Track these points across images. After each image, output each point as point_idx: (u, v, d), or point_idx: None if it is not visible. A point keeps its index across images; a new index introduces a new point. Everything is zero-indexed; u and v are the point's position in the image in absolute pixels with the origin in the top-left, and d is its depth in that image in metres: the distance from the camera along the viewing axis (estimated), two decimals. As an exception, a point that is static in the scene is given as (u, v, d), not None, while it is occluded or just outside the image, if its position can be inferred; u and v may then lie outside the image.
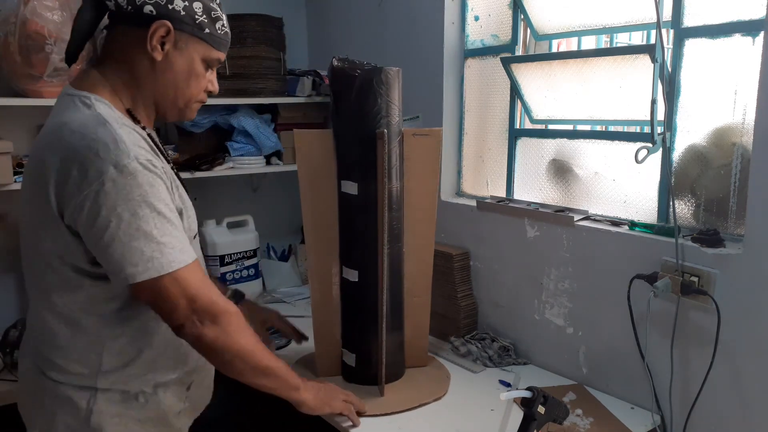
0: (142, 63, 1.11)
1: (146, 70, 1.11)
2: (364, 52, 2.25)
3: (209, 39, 1.14)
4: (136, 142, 1.04)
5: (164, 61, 1.11)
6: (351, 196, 1.55)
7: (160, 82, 1.13)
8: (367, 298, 1.58)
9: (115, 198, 0.98)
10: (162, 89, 1.14)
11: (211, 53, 1.15)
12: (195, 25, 1.11)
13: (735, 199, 1.39)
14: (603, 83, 1.61)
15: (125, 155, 0.99)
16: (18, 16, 1.74)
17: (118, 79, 1.12)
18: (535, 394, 1.20)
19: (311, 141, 1.56)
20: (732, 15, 1.37)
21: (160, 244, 1.02)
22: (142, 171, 1.00)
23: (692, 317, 1.42)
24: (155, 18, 1.07)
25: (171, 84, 1.14)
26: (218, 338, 1.09)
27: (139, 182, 1.00)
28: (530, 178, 1.88)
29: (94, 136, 1.00)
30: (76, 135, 1.01)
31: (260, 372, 1.17)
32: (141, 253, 1.00)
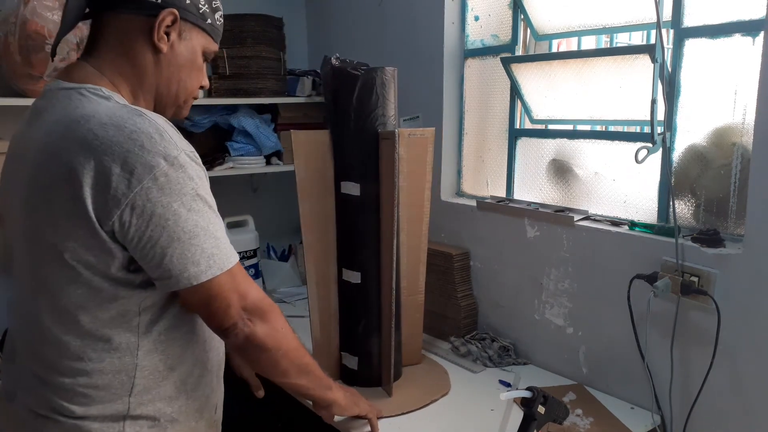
0: (145, 54, 1.01)
1: (149, 61, 1.02)
2: (364, 52, 2.25)
3: (210, 30, 1.07)
4: (177, 132, 0.96)
5: (169, 52, 1.02)
6: (352, 198, 1.55)
7: (164, 75, 1.04)
8: (370, 300, 1.58)
9: (170, 193, 0.89)
10: (165, 83, 1.05)
11: (210, 45, 1.09)
12: (199, 14, 1.04)
13: (735, 199, 1.39)
14: (603, 83, 1.61)
15: (173, 146, 0.91)
16: (18, 16, 1.74)
17: (116, 72, 1.01)
18: (535, 394, 1.20)
19: (309, 141, 1.56)
20: (732, 15, 1.37)
21: (217, 239, 0.96)
22: (191, 163, 0.93)
23: (692, 317, 1.42)
24: (162, 6, 0.99)
25: (174, 77, 1.05)
26: (269, 336, 1.04)
27: (191, 175, 0.92)
28: (530, 178, 1.88)
29: (134, 128, 0.89)
30: (110, 128, 0.89)
31: (303, 370, 1.14)
32: (202, 251, 0.93)
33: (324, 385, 1.23)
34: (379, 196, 1.54)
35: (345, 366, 1.65)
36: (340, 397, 1.26)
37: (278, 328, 1.06)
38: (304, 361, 1.14)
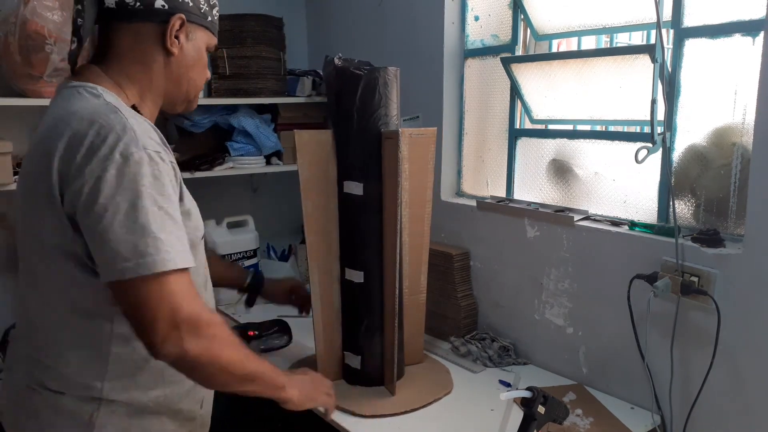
0: (156, 57, 1.09)
1: (159, 64, 1.09)
2: (364, 52, 2.25)
3: (211, 26, 1.15)
4: (147, 132, 0.99)
5: (179, 54, 1.10)
6: (355, 197, 1.55)
7: (175, 75, 1.11)
8: (373, 299, 1.58)
9: (115, 186, 0.92)
10: (175, 82, 1.12)
11: (212, 40, 1.17)
12: (201, 14, 1.12)
13: (735, 199, 1.39)
14: (603, 83, 1.61)
15: (134, 143, 0.94)
16: (18, 16, 1.74)
17: (123, 75, 1.08)
18: (535, 394, 1.20)
19: (312, 141, 1.56)
20: (732, 15, 1.37)
21: (156, 239, 0.93)
22: (149, 162, 0.95)
23: (692, 317, 1.42)
24: (169, 12, 1.06)
25: (184, 76, 1.13)
26: (202, 353, 0.98)
27: (144, 173, 0.94)
28: (530, 178, 1.88)
29: (104, 122, 0.95)
30: (86, 121, 0.96)
31: (247, 379, 1.09)
32: (134, 247, 0.91)
33: (274, 386, 1.17)
34: (382, 196, 1.54)
35: (348, 365, 1.65)
36: (294, 395, 1.20)
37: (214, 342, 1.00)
38: (247, 370, 1.08)
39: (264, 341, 1.89)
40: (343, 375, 1.67)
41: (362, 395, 1.57)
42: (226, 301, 2.29)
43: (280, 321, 2.02)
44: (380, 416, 1.48)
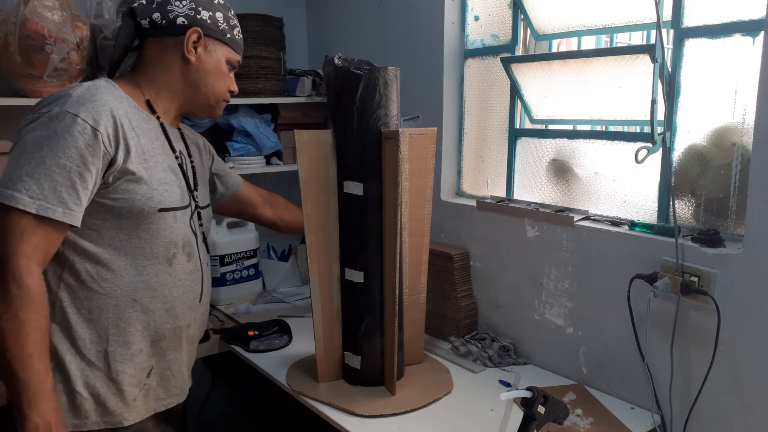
0: (175, 64, 1.33)
1: (178, 70, 1.33)
2: (364, 52, 2.25)
3: (231, 43, 1.38)
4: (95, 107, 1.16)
5: (197, 62, 1.33)
6: (355, 197, 1.55)
7: (193, 81, 1.35)
8: (373, 299, 1.58)
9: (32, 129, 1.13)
10: (194, 87, 1.35)
11: (233, 55, 1.40)
12: (219, 31, 1.35)
13: (735, 199, 1.39)
14: (603, 83, 1.61)
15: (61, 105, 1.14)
16: (18, 16, 1.74)
17: (144, 77, 1.33)
18: (535, 394, 1.20)
19: (312, 141, 1.56)
20: (732, 15, 1.37)
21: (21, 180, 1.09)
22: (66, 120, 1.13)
23: (692, 317, 1.42)
24: (188, 26, 1.30)
25: (203, 82, 1.35)
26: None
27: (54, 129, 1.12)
28: (530, 178, 1.88)
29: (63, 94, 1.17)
30: (56, 92, 1.19)
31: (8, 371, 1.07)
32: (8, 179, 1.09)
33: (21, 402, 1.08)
34: (382, 196, 1.54)
35: (348, 365, 1.65)
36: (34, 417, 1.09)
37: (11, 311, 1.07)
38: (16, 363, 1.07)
39: (264, 341, 1.89)
40: (343, 375, 1.67)
41: (362, 395, 1.57)
42: (226, 301, 2.29)
43: (280, 321, 2.02)
44: (380, 416, 1.48)
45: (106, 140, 1.16)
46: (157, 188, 1.26)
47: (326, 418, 1.49)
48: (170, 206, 1.29)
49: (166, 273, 1.30)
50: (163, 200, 1.27)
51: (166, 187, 1.28)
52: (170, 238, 1.30)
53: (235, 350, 1.89)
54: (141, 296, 1.27)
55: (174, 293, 1.32)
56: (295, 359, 1.78)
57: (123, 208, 1.22)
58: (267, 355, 1.83)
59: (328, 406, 1.53)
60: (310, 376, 1.67)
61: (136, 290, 1.26)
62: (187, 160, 1.43)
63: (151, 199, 1.24)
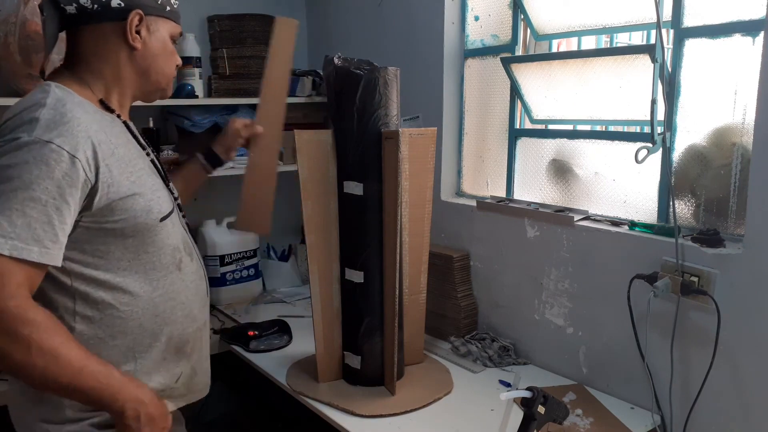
0: (120, 54, 1.16)
1: (126, 59, 1.17)
2: (364, 52, 2.25)
3: (171, 15, 1.22)
4: (61, 124, 1.02)
5: (143, 47, 1.17)
6: (355, 197, 1.55)
7: (142, 68, 1.19)
8: (373, 299, 1.58)
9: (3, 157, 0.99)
10: (144, 74, 1.20)
11: (175, 29, 1.24)
12: (158, 6, 1.18)
13: (735, 199, 1.39)
14: (603, 83, 1.61)
15: (28, 132, 1.00)
16: (18, 16, 1.74)
17: (89, 72, 1.16)
18: (535, 394, 1.20)
19: (312, 141, 1.56)
20: (732, 15, 1.37)
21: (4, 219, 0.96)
22: (39, 149, 0.99)
23: (692, 317, 1.42)
24: (126, 9, 1.13)
25: (152, 67, 1.20)
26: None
27: (25, 159, 0.98)
28: (530, 178, 1.88)
29: (25, 117, 1.02)
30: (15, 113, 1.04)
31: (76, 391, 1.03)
32: None
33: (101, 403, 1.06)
34: (382, 196, 1.54)
35: (348, 365, 1.65)
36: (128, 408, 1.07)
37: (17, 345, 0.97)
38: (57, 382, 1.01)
39: (264, 341, 1.89)
40: (343, 375, 1.67)
41: (362, 395, 1.57)
42: (227, 302, 2.29)
43: (280, 321, 2.02)
44: (380, 416, 1.48)
45: (86, 166, 1.03)
46: (152, 197, 1.17)
47: (326, 418, 1.50)
48: (167, 212, 1.21)
49: (179, 280, 1.24)
50: (160, 208, 1.18)
51: (158, 193, 1.19)
52: (174, 244, 1.23)
53: (235, 350, 1.89)
54: (162, 309, 1.20)
55: (189, 297, 1.27)
56: (295, 359, 1.78)
57: (126, 229, 1.12)
58: (267, 355, 1.83)
59: (328, 406, 1.53)
60: (310, 376, 1.67)
61: (156, 305, 1.19)
62: (153, 155, 1.30)
63: (150, 211, 1.15)
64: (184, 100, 2.19)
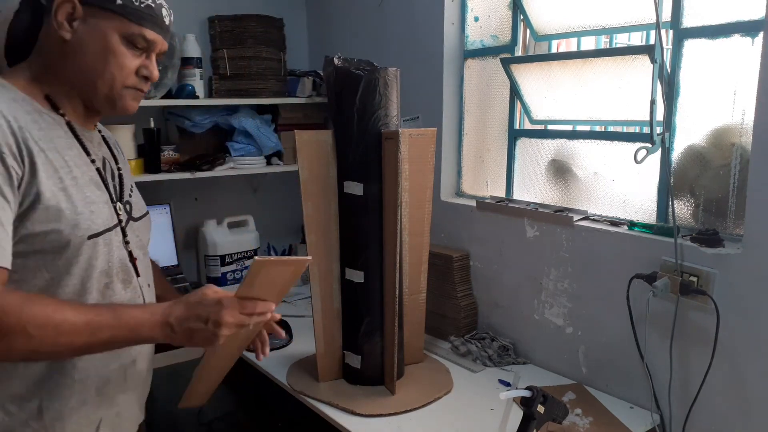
0: (53, 45, 1.02)
1: (58, 52, 1.03)
2: (364, 53, 2.26)
3: (123, 11, 1.02)
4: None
5: (75, 40, 1.01)
6: (355, 197, 1.55)
7: (75, 65, 1.03)
8: (373, 299, 1.59)
9: None
10: (78, 73, 1.04)
11: (130, 28, 1.03)
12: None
13: (734, 199, 1.40)
14: (602, 84, 1.62)
15: None
16: (19, 16, 1.74)
17: (38, 66, 1.05)
18: (535, 393, 1.20)
19: (312, 141, 1.57)
20: (731, 15, 1.37)
21: None
22: None
23: (691, 317, 1.43)
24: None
25: (87, 66, 1.03)
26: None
27: None
28: (530, 178, 1.88)
29: None
30: None
31: (86, 351, 0.97)
32: None
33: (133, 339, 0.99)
34: (382, 196, 1.54)
35: (348, 365, 1.65)
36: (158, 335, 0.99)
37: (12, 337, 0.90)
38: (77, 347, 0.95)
39: (264, 341, 1.89)
40: (343, 374, 1.67)
41: (362, 395, 1.58)
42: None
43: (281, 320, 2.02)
44: (380, 416, 1.48)
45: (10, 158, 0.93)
46: (83, 211, 1.02)
47: (326, 417, 1.50)
48: (101, 229, 1.05)
49: None
50: (91, 224, 1.03)
51: (92, 207, 1.04)
52: (103, 267, 1.06)
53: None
54: None
55: None
56: (295, 359, 1.79)
57: (45, 245, 0.97)
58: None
59: (328, 405, 1.53)
60: (311, 375, 1.67)
61: None
62: (113, 167, 1.16)
63: (77, 226, 1.00)
64: (185, 100, 2.19)
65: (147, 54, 1.08)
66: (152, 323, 0.98)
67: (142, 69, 1.07)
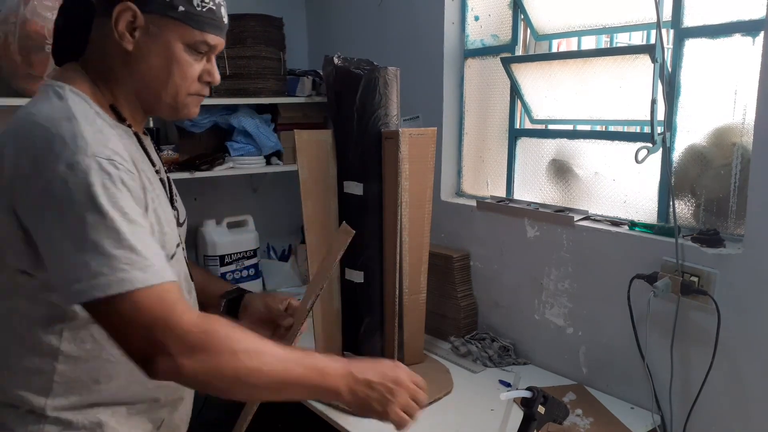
0: (114, 55, 0.98)
1: (120, 62, 0.98)
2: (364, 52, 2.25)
3: (185, 18, 0.97)
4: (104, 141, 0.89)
5: (137, 50, 0.97)
6: (355, 197, 1.55)
7: (138, 75, 0.99)
8: (373, 299, 1.58)
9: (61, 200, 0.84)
10: (142, 83, 1.00)
11: (193, 36, 0.98)
12: (165, 3, 0.95)
13: (735, 199, 1.39)
14: (603, 83, 1.61)
15: (81, 152, 0.85)
16: (18, 16, 1.74)
17: (97, 72, 0.99)
18: (535, 394, 1.20)
19: (312, 141, 1.56)
20: (732, 15, 1.37)
21: (110, 257, 0.83)
22: (98, 170, 0.85)
23: (692, 317, 1.42)
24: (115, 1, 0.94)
25: (150, 76, 0.99)
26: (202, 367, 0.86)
27: (91, 182, 0.84)
28: (530, 178, 1.88)
29: (55, 131, 0.87)
30: (39, 128, 0.88)
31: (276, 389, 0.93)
32: (86, 267, 0.82)
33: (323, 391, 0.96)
34: (382, 196, 1.54)
35: (345, 366, 1.65)
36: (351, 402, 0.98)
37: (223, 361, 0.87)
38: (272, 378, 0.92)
39: (264, 341, 1.89)
40: (343, 375, 1.67)
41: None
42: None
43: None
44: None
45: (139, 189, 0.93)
46: (167, 230, 1.01)
47: (326, 417, 1.49)
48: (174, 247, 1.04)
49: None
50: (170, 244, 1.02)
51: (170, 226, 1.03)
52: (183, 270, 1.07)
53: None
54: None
55: None
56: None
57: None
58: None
59: (328, 405, 1.53)
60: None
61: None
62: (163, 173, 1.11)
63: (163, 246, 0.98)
64: (184, 100, 2.18)
65: (207, 57, 1.04)
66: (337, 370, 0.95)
67: (204, 74, 1.04)
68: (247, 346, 0.90)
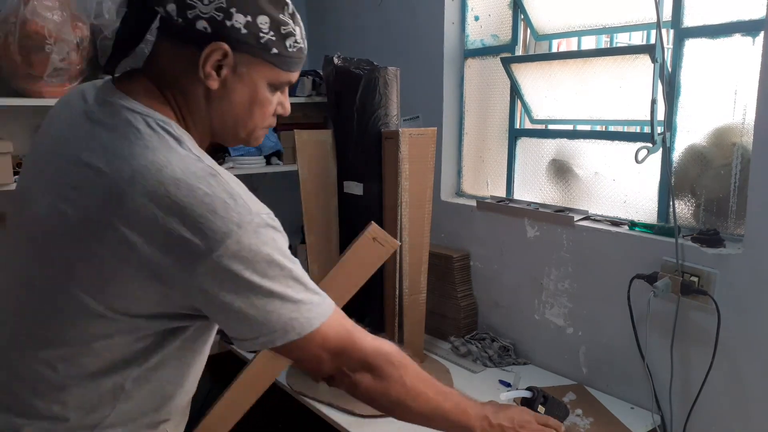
0: (195, 89, 0.92)
1: (199, 97, 0.92)
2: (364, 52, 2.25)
3: (277, 61, 0.93)
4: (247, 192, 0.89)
5: (221, 88, 0.91)
6: (355, 197, 1.55)
7: (217, 112, 0.94)
8: (373, 299, 1.58)
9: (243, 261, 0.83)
10: (219, 120, 0.95)
11: (279, 77, 0.96)
12: (259, 45, 0.90)
13: (735, 199, 1.39)
14: (603, 83, 1.61)
15: (247, 211, 0.84)
16: (18, 16, 1.74)
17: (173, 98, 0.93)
18: (535, 394, 1.20)
19: (312, 141, 1.56)
20: (732, 15, 1.37)
21: (297, 303, 0.89)
22: (266, 227, 0.86)
23: (692, 317, 1.42)
24: (210, 38, 0.87)
25: (230, 114, 0.95)
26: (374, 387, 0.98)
27: (264, 240, 0.85)
28: (530, 178, 1.88)
29: (208, 190, 0.82)
30: (183, 186, 0.82)
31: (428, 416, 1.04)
32: (279, 317, 0.87)
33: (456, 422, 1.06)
34: (382, 196, 1.54)
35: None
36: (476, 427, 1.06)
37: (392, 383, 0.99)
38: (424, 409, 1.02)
39: (264, 341, 1.88)
40: (343, 375, 1.67)
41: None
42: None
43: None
44: (380, 416, 1.48)
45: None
46: None
47: (326, 417, 1.49)
48: None
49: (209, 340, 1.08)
50: None
51: None
52: None
53: (234, 350, 1.89)
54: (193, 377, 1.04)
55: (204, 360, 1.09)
56: (295, 359, 1.78)
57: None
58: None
59: (327, 405, 1.53)
60: (311, 376, 1.67)
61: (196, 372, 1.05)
62: None
63: None
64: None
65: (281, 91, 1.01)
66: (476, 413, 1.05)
67: (277, 107, 1.02)
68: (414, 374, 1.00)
